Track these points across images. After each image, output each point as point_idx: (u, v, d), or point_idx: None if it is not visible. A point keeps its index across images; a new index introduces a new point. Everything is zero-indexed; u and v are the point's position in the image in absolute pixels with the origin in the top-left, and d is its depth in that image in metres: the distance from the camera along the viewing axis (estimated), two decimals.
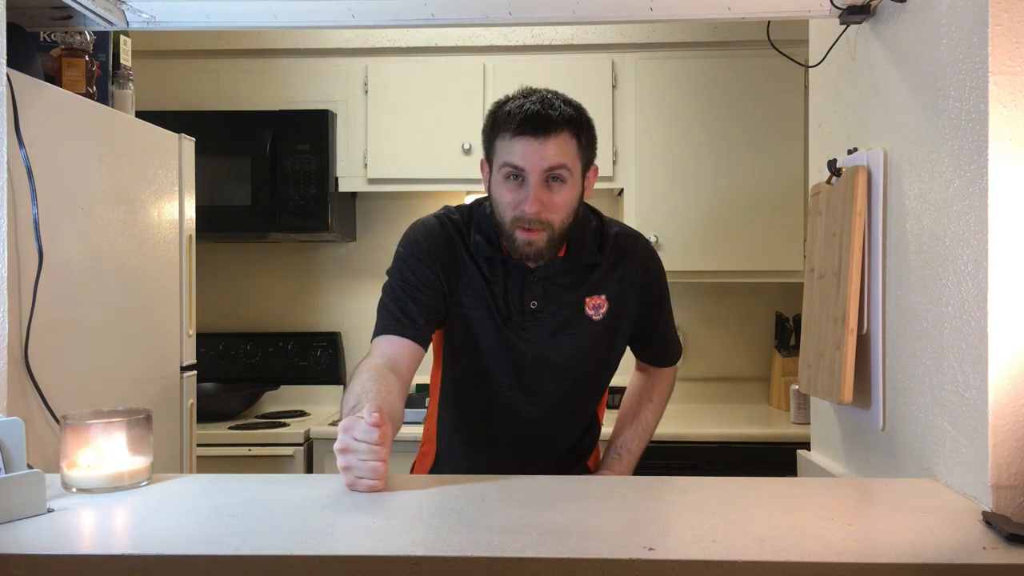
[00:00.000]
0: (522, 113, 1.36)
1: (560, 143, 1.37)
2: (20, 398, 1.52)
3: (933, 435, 1.32)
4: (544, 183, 1.37)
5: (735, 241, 2.99)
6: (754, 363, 3.35)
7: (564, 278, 1.50)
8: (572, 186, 1.41)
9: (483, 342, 1.51)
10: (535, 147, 1.35)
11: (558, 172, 1.38)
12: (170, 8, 1.70)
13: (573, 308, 1.50)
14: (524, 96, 1.41)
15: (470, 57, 3.08)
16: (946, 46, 1.29)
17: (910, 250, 1.41)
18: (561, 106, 1.39)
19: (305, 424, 2.95)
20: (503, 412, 1.57)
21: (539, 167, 1.36)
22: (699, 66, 3.03)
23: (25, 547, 0.98)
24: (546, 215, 1.38)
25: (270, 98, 3.14)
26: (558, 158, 1.37)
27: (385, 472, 1.15)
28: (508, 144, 1.38)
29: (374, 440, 1.12)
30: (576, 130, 1.40)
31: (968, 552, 0.96)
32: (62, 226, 1.68)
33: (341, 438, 1.15)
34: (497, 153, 1.41)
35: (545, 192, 1.37)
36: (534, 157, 1.36)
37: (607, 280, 1.53)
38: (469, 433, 1.63)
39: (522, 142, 1.36)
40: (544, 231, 1.39)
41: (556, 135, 1.36)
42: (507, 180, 1.39)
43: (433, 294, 1.47)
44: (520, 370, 1.53)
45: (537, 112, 1.36)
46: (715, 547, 0.96)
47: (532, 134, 1.35)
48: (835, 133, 1.82)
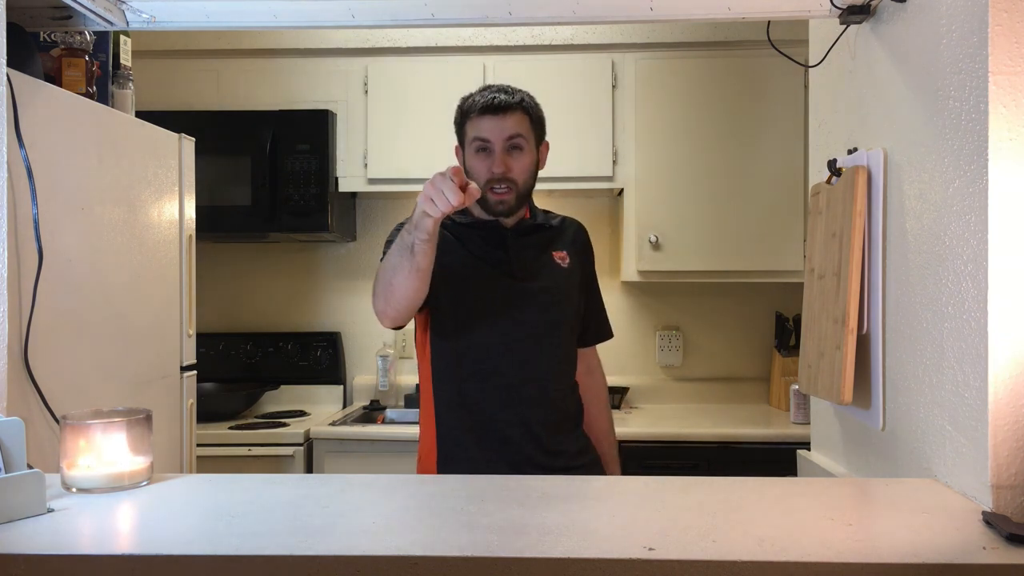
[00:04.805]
0: (485, 99, 1.73)
1: (516, 118, 1.73)
2: (20, 398, 1.52)
3: (933, 435, 1.32)
4: (506, 151, 1.72)
5: (735, 241, 2.99)
6: (754, 363, 3.35)
7: (533, 236, 1.82)
8: (528, 152, 1.75)
9: (473, 285, 1.75)
10: (497, 122, 1.71)
11: (516, 140, 1.72)
12: (170, 8, 1.70)
13: (545, 255, 1.82)
14: (485, 89, 1.77)
15: (470, 57, 3.08)
16: (946, 46, 1.29)
17: (910, 250, 1.41)
18: (515, 92, 1.76)
19: (305, 424, 2.95)
20: (495, 350, 1.73)
21: (501, 136, 1.71)
22: (699, 66, 3.03)
23: (25, 547, 0.98)
24: (511, 175, 1.72)
25: (270, 98, 3.14)
26: (515, 128, 1.72)
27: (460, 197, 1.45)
28: (476, 123, 1.73)
29: (453, 174, 1.45)
30: (527, 110, 1.76)
31: (968, 552, 0.96)
32: (62, 226, 1.68)
33: (428, 183, 1.49)
34: (467, 133, 1.75)
35: (508, 157, 1.72)
36: (496, 130, 1.71)
37: (564, 241, 1.86)
38: (466, 398, 1.74)
39: (487, 120, 1.71)
40: (511, 190, 1.73)
41: (512, 113, 1.72)
42: (478, 153, 1.73)
43: None
44: (508, 302, 1.74)
45: (496, 97, 1.72)
46: (715, 547, 0.96)
47: (494, 112, 1.71)
48: (835, 133, 1.82)
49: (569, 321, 1.82)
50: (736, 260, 3.00)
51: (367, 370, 3.40)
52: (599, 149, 3.02)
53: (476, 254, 1.77)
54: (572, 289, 1.83)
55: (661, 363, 3.31)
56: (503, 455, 1.69)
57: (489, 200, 1.73)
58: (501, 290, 1.75)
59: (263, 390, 3.19)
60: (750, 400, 3.31)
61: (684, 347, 3.35)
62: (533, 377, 1.74)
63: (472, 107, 1.74)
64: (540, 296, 1.77)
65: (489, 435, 1.71)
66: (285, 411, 3.18)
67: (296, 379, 3.32)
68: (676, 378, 3.32)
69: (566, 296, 1.81)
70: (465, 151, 1.77)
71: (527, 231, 1.81)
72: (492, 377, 1.72)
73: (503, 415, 1.71)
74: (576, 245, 1.87)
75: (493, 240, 1.78)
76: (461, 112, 1.78)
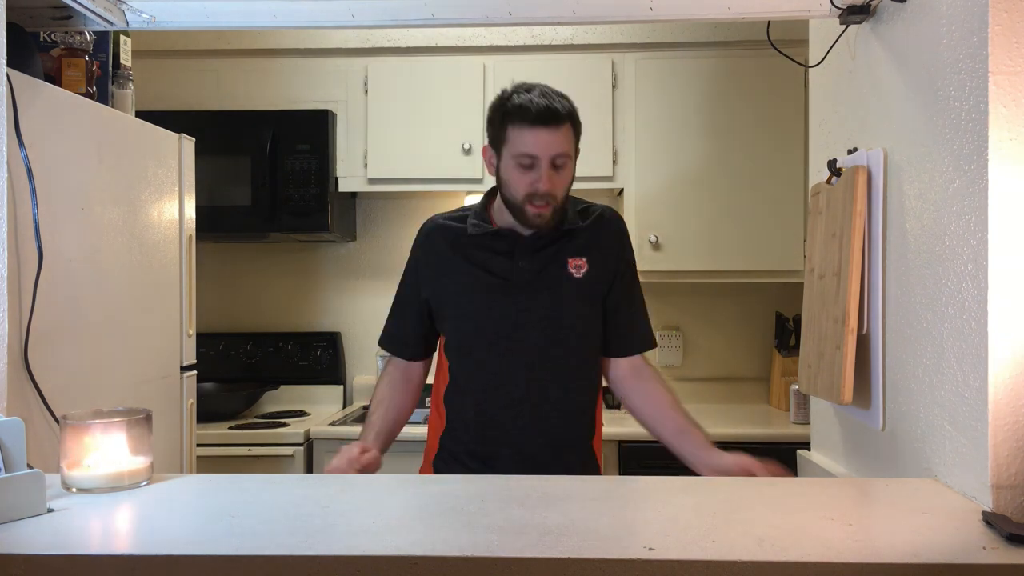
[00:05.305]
0: (535, 107, 1.59)
1: (564, 133, 1.62)
2: (20, 398, 1.52)
3: (933, 435, 1.32)
4: (551, 167, 1.62)
5: (735, 241, 2.99)
6: (754, 363, 3.35)
7: (549, 244, 1.70)
8: (571, 168, 1.67)
9: (474, 307, 1.70)
10: (546, 137, 1.60)
11: (562, 160, 1.62)
12: (170, 8, 1.70)
13: (557, 266, 1.70)
14: (527, 91, 1.63)
15: (470, 57, 3.08)
16: (946, 46, 1.29)
17: (910, 250, 1.41)
18: (561, 101, 1.63)
19: (305, 424, 2.95)
20: (498, 370, 1.69)
21: (548, 154, 1.60)
22: (699, 66, 3.03)
23: (25, 547, 0.98)
24: (554, 191, 1.63)
25: (270, 98, 3.14)
26: (563, 147, 1.62)
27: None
28: (522, 135, 1.60)
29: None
30: (573, 122, 1.65)
31: (968, 552, 0.96)
32: (62, 226, 1.68)
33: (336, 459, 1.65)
34: (510, 141, 1.62)
35: (553, 174, 1.62)
36: (545, 146, 1.60)
37: (587, 245, 1.72)
38: (463, 415, 1.73)
39: (535, 132, 1.59)
40: (551, 205, 1.63)
41: (562, 126, 1.61)
42: (520, 167, 1.62)
43: (417, 307, 1.79)
44: (512, 319, 1.67)
45: (547, 107, 1.60)
46: (715, 547, 0.96)
47: (543, 125, 1.59)
48: (835, 133, 1.82)
49: (575, 337, 1.70)
50: (736, 260, 3.00)
51: (367, 370, 3.40)
52: (599, 149, 3.02)
53: (481, 268, 1.69)
54: (583, 301, 1.70)
55: (661, 363, 3.31)
56: None
57: (528, 214, 1.63)
58: (500, 308, 1.67)
59: (263, 390, 3.18)
60: (750, 400, 3.31)
61: (684, 347, 3.35)
62: (527, 399, 1.67)
63: (521, 114, 1.59)
64: (539, 314, 1.67)
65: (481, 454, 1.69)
66: (285, 411, 3.18)
67: (296, 379, 3.31)
68: (676, 378, 3.32)
69: (575, 312, 1.69)
70: (502, 158, 1.65)
71: (542, 243, 1.69)
72: (487, 399, 1.69)
73: (495, 435, 1.68)
74: (603, 247, 1.73)
75: (506, 250, 1.69)
76: (504, 114, 1.63)
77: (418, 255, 1.78)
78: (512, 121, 1.61)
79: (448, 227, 1.75)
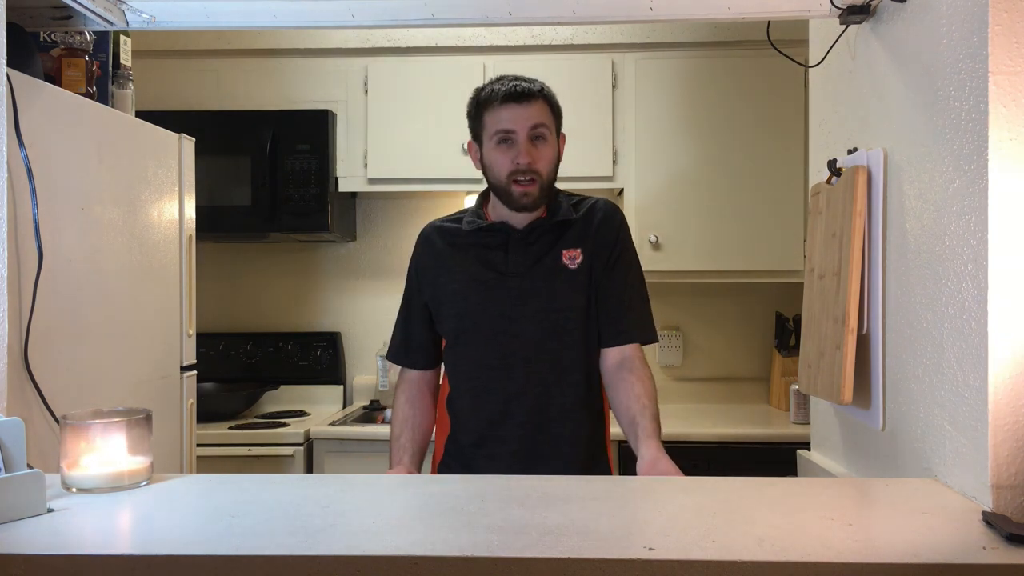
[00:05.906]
0: (506, 88, 1.65)
1: (538, 107, 1.65)
2: (20, 398, 1.52)
3: (933, 435, 1.32)
4: (530, 140, 1.64)
5: (735, 241, 2.99)
6: (754, 363, 3.35)
7: (542, 236, 1.70)
8: (551, 143, 1.68)
9: (469, 303, 1.70)
10: (520, 111, 1.63)
11: (540, 130, 1.65)
12: (170, 8, 1.70)
13: (551, 258, 1.70)
14: (500, 80, 1.69)
15: (470, 57, 3.08)
16: (946, 46, 1.29)
17: (910, 250, 1.41)
18: (533, 80, 1.68)
19: (305, 424, 2.95)
20: (496, 364, 1.68)
21: (525, 126, 1.63)
22: (699, 66, 3.03)
23: (25, 547, 0.98)
24: (536, 165, 1.64)
25: (270, 98, 3.14)
26: (539, 118, 1.64)
27: None
28: (497, 113, 1.65)
29: None
30: (548, 99, 1.69)
31: (968, 552, 0.96)
32: (62, 226, 1.68)
33: None
34: (487, 125, 1.67)
35: (532, 147, 1.64)
36: (520, 119, 1.63)
37: (582, 235, 1.72)
38: (463, 411, 1.74)
39: (509, 108, 1.63)
40: (536, 182, 1.64)
41: (535, 100, 1.65)
42: (500, 145, 1.65)
43: (421, 314, 1.79)
44: (508, 313, 1.67)
45: (517, 85, 1.65)
46: (715, 547, 0.96)
47: (516, 101, 1.63)
48: (835, 133, 1.82)
49: (571, 329, 1.67)
50: (736, 260, 3.00)
51: (367, 370, 3.40)
52: (599, 149, 3.02)
53: (476, 263, 1.70)
54: (579, 292, 1.68)
55: (661, 363, 3.31)
56: None
57: (513, 193, 1.64)
58: (496, 303, 1.67)
59: (263, 390, 3.19)
60: (750, 400, 3.31)
61: (684, 347, 3.35)
62: (526, 393, 1.66)
63: (492, 96, 1.65)
64: (535, 306, 1.66)
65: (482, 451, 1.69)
66: (285, 411, 3.18)
67: (296, 379, 3.31)
68: (676, 378, 3.32)
69: (571, 303, 1.68)
70: (483, 145, 1.69)
71: (536, 235, 1.69)
72: (485, 394, 1.69)
73: (496, 432, 1.68)
74: (597, 237, 1.71)
75: (496, 245, 1.70)
76: (477, 103, 1.69)
77: (417, 259, 1.80)
78: (486, 107, 1.67)
79: (445, 228, 1.78)
